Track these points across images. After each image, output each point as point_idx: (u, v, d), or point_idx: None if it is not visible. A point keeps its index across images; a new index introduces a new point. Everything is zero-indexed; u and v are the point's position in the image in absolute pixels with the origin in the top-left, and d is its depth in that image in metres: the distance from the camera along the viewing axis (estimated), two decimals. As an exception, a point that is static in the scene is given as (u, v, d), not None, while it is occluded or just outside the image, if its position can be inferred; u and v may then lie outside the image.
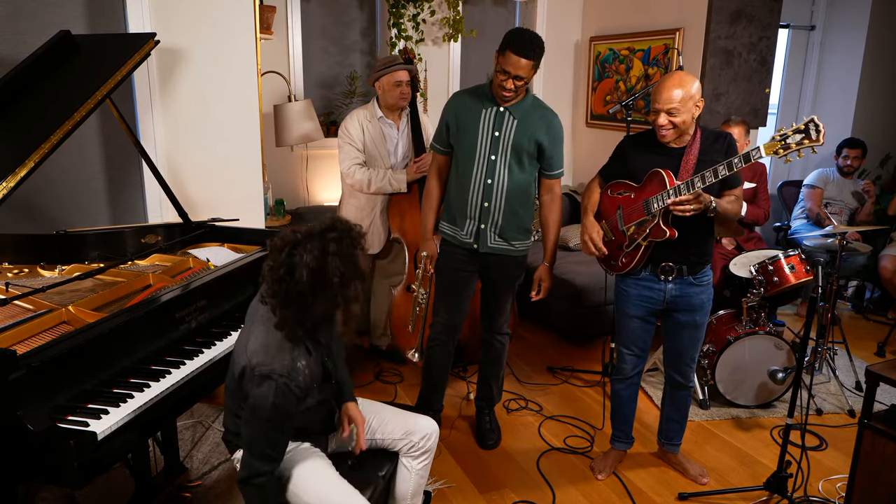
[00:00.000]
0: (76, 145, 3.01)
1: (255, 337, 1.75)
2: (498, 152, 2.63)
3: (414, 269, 3.38)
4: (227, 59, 3.15)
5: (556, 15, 4.96)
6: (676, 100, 2.31)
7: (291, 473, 1.82)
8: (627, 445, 2.85)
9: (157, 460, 2.53)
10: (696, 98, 2.35)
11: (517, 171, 2.65)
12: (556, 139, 2.67)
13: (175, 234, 2.76)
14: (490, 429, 3.03)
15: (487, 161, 2.64)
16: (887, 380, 2.22)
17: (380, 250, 3.62)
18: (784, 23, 5.00)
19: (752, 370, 3.25)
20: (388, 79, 3.34)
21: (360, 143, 3.40)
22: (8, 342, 1.75)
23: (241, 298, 2.43)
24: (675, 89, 2.31)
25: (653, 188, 2.42)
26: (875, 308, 4.85)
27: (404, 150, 3.53)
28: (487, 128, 2.63)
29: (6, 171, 1.97)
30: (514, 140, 2.61)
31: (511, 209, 2.69)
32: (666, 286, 2.51)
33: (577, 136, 5.19)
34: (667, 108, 2.32)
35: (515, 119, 2.60)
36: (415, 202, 3.42)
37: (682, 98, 2.31)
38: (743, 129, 3.71)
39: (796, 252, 3.38)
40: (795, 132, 2.17)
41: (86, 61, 2.48)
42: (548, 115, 2.66)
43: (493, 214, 2.69)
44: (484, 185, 2.66)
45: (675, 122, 2.34)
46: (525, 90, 2.62)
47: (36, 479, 1.61)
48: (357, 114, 3.45)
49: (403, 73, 3.35)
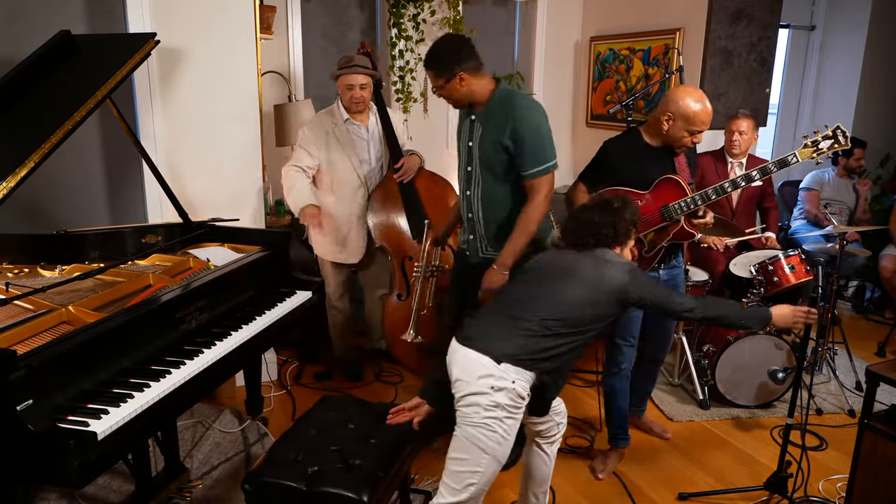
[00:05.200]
0: (76, 145, 3.01)
1: (608, 267, 2.04)
2: (473, 163, 2.55)
3: (402, 277, 3.31)
4: (227, 59, 3.15)
5: (556, 15, 4.96)
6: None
7: (511, 430, 1.94)
8: (627, 443, 2.86)
9: (157, 460, 2.53)
10: None
11: (491, 180, 2.52)
12: (522, 138, 2.40)
13: (175, 234, 2.76)
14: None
15: (465, 172, 2.58)
16: (887, 380, 2.22)
17: (359, 261, 3.41)
18: (784, 23, 5.00)
19: (752, 370, 3.25)
20: (342, 80, 3.16)
21: (317, 151, 3.18)
22: (8, 342, 1.74)
23: (242, 298, 2.43)
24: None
25: (668, 195, 2.52)
26: (875, 308, 4.85)
27: (377, 152, 3.33)
28: (464, 139, 2.57)
29: (6, 171, 1.97)
30: (481, 149, 2.50)
31: (490, 219, 2.57)
32: (658, 273, 2.67)
33: (577, 136, 5.19)
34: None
35: (480, 126, 2.48)
36: (400, 208, 3.32)
37: None
38: (752, 122, 3.73)
39: (796, 252, 3.38)
40: (825, 138, 2.43)
41: (86, 61, 2.48)
42: (513, 114, 2.41)
43: (477, 225, 2.61)
44: (465, 197, 2.61)
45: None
46: (494, 87, 2.47)
47: (36, 479, 1.61)
48: (322, 119, 3.24)
49: (356, 76, 3.12)
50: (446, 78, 2.42)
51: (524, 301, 2.03)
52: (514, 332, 1.96)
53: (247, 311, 2.41)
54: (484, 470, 1.94)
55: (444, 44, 2.47)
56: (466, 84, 2.43)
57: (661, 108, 2.50)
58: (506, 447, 1.96)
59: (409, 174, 3.29)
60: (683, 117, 2.44)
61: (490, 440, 1.92)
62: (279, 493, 1.89)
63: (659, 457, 2.93)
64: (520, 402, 1.94)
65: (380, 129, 3.33)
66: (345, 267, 3.47)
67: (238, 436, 2.98)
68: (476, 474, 1.94)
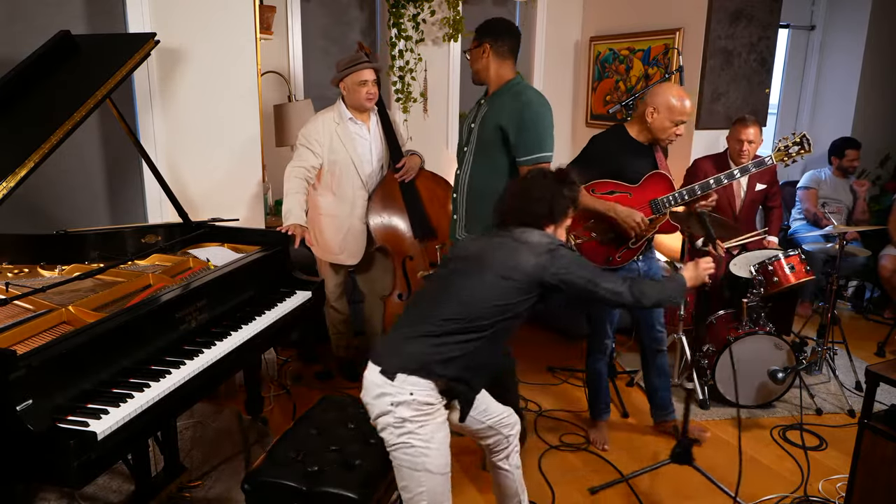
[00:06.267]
0: (76, 145, 3.01)
1: (523, 249, 1.91)
2: (470, 143, 2.66)
3: (403, 277, 3.31)
4: (227, 59, 3.15)
5: (556, 15, 4.96)
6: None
7: (431, 436, 1.82)
8: (608, 414, 3.10)
9: (156, 460, 2.53)
10: None
11: (481, 162, 2.61)
12: (523, 125, 2.50)
13: (175, 234, 2.76)
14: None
15: (461, 152, 2.70)
16: (887, 380, 2.22)
17: (357, 263, 3.39)
18: (784, 23, 5.00)
19: (752, 370, 3.25)
20: (352, 79, 3.13)
21: (320, 150, 3.16)
22: (8, 342, 1.74)
23: (242, 298, 2.43)
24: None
25: (656, 189, 2.70)
26: (875, 308, 4.85)
27: (379, 153, 3.32)
28: (468, 120, 2.70)
29: (6, 171, 1.97)
30: (481, 127, 2.61)
31: (471, 202, 2.65)
32: (638, 264, 2.83)
33: (577, 136, 5.19)
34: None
35: (486, 107, 2.62)
36: (401, 208, 3.32)
37: None
38: (758, 128, 3.71)
39: (796, 252, 3.38)
40: (794, 144, 2.74)
41: (86, 61, 2.48)
42: (519, 100, 2.53)
43: (460, 207, 2.70)
44: (455, 177, 2.72)
45: None
46: (511, 77, 2.61)
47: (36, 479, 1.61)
48: (323, 118, 3.20)
49: (368, 71, 3.14)
50: (476, 43, 2.62)
51: (428, 302, 1.93)
52: (414, 339, 1.85)
53: (247, 311, 2.41)
54: (427, 488, 1.83)
55: (494, 19, 2.67)
56: (486, 59, 2.59)
57: (645, 104, 2.71)
58: (436, 455, 1.83)
59: (411, 174, 3.30)
60: (667, 108, 2.63)
61: (414, 456, 1.81)
62: (279, 493, 1.89)
63: (658, 457, 2.93)
64: (428, 407, 1.81)
65: (380, 129, 3.33)
66: (343, 268, 3.47)
67: (238, 436, 2.98)
68: (423, 493, 1.84)
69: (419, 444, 1.81)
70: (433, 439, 1.82)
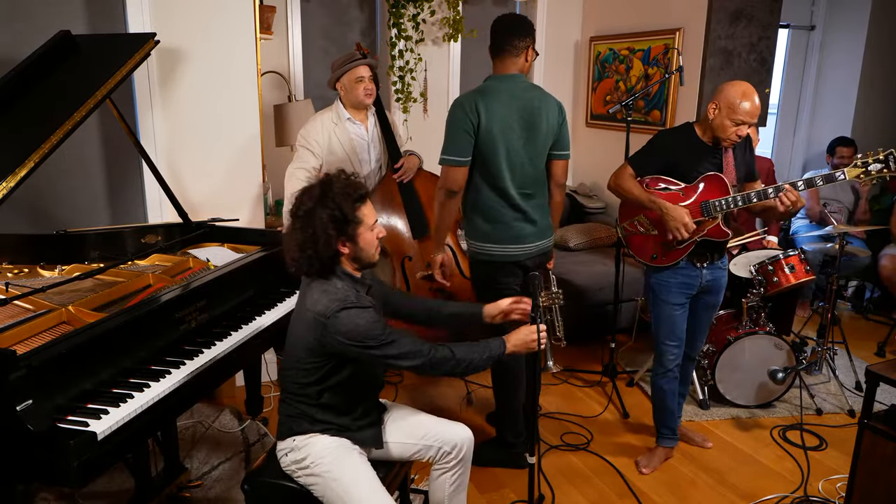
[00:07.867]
0: (76, 145, 3.01)
1: (311, 298, 1.82)
2: None
3: (402, 277, 3.30)
4: (227, 59, 3.15)
5: (556, 15, 4.96)
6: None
7: (333, 467, 1.84)
8: (674, 442, 2.90)
9: (157, 460, 2.53)
10: None
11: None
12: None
13: (175, 234, 2.76)
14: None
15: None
16: (887, 380, 2.22)
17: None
18: (784, 23, 5.00)
19: (752, 370, 3.26)
20: (348, 77, 3.12)
21: (320, 151, 3.15)
22: (8, 342, 1.75)
23: (242, 298, 2.43)
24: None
25: (711, 191, 2.56)
26: (875, 308, 4.85)
27: (377, 152, 3.31)
28: None
29: (6, 171, 1.97)
30: None
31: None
32: (701, 272, 2.66)
33: (577, 136, 5.19)
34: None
35: None
36: (399, 209, 3.31)
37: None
38: (754, 128, 3.71)
39: (796, 252, 3.38)
40: (876, 161, 2.43)
41: (86, 61, 2.48)
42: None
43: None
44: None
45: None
46: (491, 75, 2.69)
47: (36, 479, 1.61)
48: (322, 118, 3.19)
49: (363, 67, 3.13)
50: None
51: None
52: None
53: (247, 311, 2.41)
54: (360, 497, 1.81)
55: (512, 14, 2.82)
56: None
57: (712, 100, 2.55)
58: (338, 468, 1.84)
59: (409, 174, 3.29)
60: (728, 106, 2.46)
61: (321, 484, 1.85)
62: (279, 493, 1.90)
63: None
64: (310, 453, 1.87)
65: (378, 130, 3.33)
66: None
67: (238, 436, 2.98)
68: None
69: (321, 471, 1.85)
70: (326, 454, 1.86)
